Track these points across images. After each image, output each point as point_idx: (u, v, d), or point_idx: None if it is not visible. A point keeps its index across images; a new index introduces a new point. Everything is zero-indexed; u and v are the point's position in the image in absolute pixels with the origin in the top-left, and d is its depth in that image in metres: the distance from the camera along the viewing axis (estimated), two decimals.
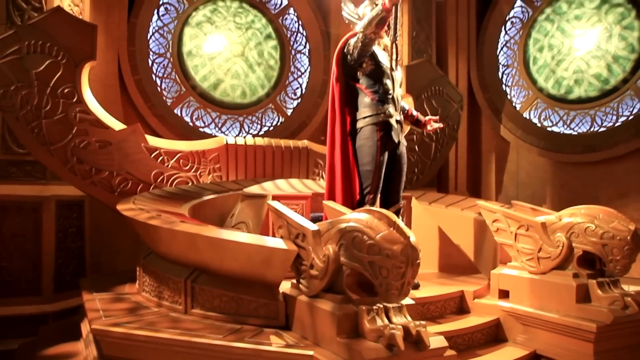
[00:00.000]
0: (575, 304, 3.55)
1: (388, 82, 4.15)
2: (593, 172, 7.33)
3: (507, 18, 8.18)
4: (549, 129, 7.84)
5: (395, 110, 4.18)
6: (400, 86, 4.38)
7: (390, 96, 4.15)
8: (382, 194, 4.24)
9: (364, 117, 4.14)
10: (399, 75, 4.36)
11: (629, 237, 3.51)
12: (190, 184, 5.61)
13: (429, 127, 4.58)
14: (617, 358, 3.48)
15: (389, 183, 4.26)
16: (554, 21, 7.81)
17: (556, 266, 3.77)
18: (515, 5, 8.15)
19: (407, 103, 4.51)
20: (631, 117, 7.25)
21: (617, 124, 7.35)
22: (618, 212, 3.69)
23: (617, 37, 7.35)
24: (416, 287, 4.15)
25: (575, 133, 7.66)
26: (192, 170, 5.71)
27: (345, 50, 4.19)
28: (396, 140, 4.17)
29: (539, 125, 7.92)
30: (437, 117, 4.60)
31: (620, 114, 7.35)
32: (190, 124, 7.37)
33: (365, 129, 4.12)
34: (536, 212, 4.20)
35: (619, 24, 7.34)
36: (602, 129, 7.46)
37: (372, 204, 4.06)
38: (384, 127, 4.09)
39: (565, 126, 7.75)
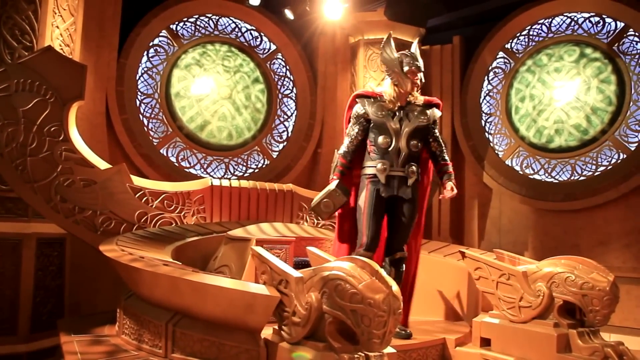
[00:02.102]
0: (556, 354, 3.57)
1: (383, 137, 4.23)
2: (574, 220, 7.43)
3: (489, 68, 8.41)
4: (530, 176, 7.97)
5: (395, 165, 4.23)
6: (419, 137, 4.30)
7: (389, 151, 4.22)
8: (386, 243, 4.39)
9: (362, 167, 4.39)
10: (413, 125, 4.27)
11: (608, 288, 3.56)
12: (174, 224, 5.59)
13: (443, 192, 4.42)
14: None
15: (391, 232, 4.36)
16: (535, 72, 8.04)
17: (537, 315, 3.79)
18: (498, 56, 8.39)
19: (443, 156, 4.46)
20: (610, 167, 7.41)
21: (597, 173, 7.50)
22: (597, 263, 3.74)
23: (595, 89, 7.58)
24: (408, 336, 4.14)
25: (556, 181, 7.80)
26: (177, 211, 5.70)
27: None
28: (392, 193, 4.22)
29: (521, 172, 8.06)
30: (454, 191, 4.37)
31: (599, 163, 7.51)
32: (176, 164, 7.40)
33: (361, 178, 4.37)
34: (517, 261, 4.25)
35: (597, 77, 7.58)
36: (582, 178, 7.60)
37: (367, 250, 4.16)
38: (374, 179, 4.24)
39: (547, 174, 7.89)
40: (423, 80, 4.35)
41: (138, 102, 7.31)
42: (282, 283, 3.22)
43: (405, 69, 4.22)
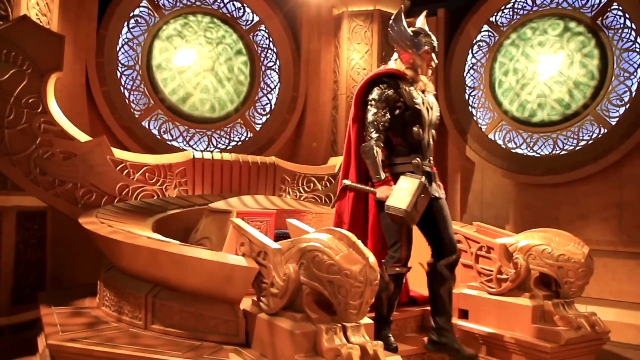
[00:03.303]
0: (531, 325, 3.64)
1: (418, 127, 3.64)
2: (554, 193, 7.51)
3: (474, 41, 8.37)
4: (513, 150, 8.01)
5: (425, 159, 3.68)
6: (434, 127, 3.81)
7: (420, 143, 3.67)
8: (435, 245, 3.73)
9: (392, 164, 3.68)
10: (435, 114, 3.79)
11: (583, 260, 3.62)
12: (155, 197, 5.57)
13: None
14: None
15: (438, 232, 3.68)
16: (519, 46, 8.02)
17: (514, 287, 3.86)
18: (482, 30, 8.34)
19: None
20: (591, 142, 7.46)
21: (578, 148, 7.55)
22: (573, 235, 3.80)
23: (579, 64, 7.58)
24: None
25: (538, 155, 7.84)
26: (158, 184, 5.68)
27: (368, 99, 3.74)
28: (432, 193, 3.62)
29: (503, 146, 8.09)
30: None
31: (581, 138, 7.56)
32: (158, 137, 7.33)
33: (405, 176, 3.57)
34: (497, 234, 4.30)
35: (580, 52, 7.58)
36: (563, 152, 7.65)
37: (406, 265, 3.63)
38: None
39: (529, 148, 7.93)
40: (437, 62, 3.82)
41: (119, 74, 7.20)
42: (260, 254, 3.24)
43: (420, 48, 3.63)
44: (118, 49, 7.20)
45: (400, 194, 3.37)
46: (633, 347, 6.15)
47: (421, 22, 3.86)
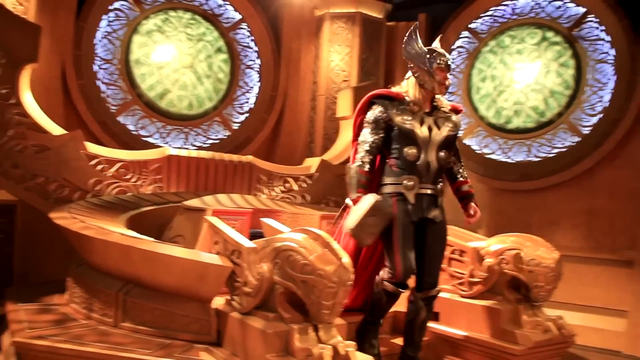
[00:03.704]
0: (501, 327, 3.68)
1: (410, 148, 3.50)
2: (527, 199, 7.62)
3: (453, 47, 8.46)
4: (487, 156, 8.11)
5: (423, 181, 3.51)
6: (447, 148, 3.63)
7: (418, 164, 3.51)
8: (417, 275, 3.57)
9: (382, 184, 3.61)
10: (442, 134, 3.57)
11: (553, 265, 3.67)
12: (129, 193, 5.51)
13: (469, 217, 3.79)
14: None
15: (422, 263, 3.53)
16: (497, 54, 8.13)
17: (485, 290, 3.90)
18: (462, 35, 8.44)
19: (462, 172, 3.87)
20: (564, 149, 7.60)
21: (551, 155, 7.69)
22: (544, 240, 3.86)
23: (555, 73, 7.72)
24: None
25: (512, 161, 7.96)
26: (133, 180, 5.62)
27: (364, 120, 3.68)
28: (422, 215, 3.51)
29: (479, 151, 8.19)
30: (477, 214, 3.78)
31: (554, 145, 7.70)
32: (134, 132, 7.25)
33: (383, 198, 3.52)
34: (470, 238, 4.34)
35: (556, 61, 7.72)
36: (537, 159, 7.78)
37: (402, 286, 3.49)
38: (400, 198, 3.50)
39: (504, 154, 8.04)
40: (451, 83, 3.75)
41: (96, 68, 7.11)
42: (234, 253, 3.23)
43: (434, 66, 3.49)
44: (96, 42, 7.12)
45: (354, 212, 3.37)
46: (597, 350, 6.29)
47: (436, 44, 3.72)
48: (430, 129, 3.54)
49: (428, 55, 3.53)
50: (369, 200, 3.36)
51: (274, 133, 8.27)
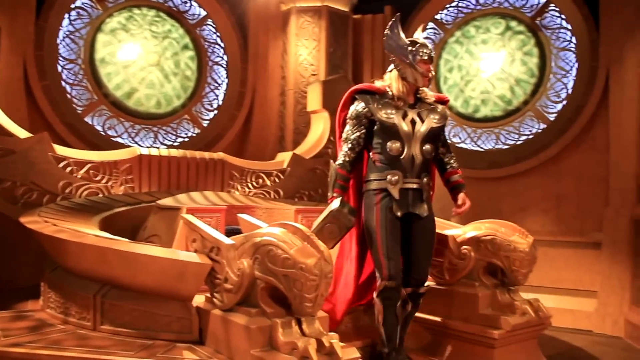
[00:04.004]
0: (479, 312, 3.74)
1: (393, 142, 3.45)
2: (497, 187, 7.75)
3: (414, 37, 8.52)
4: (457, 145, 8.22)
5: (409, 175, 3.46)
6: (432, 140, 3.57)
7: (401, 159, 3.45)
8: (404, 271, 3.52)
9: (367, 181, 3.57)
10: (425, 127, 3.51)
11: (528, 249, 3.75)
12: (101, 195, 5.42)
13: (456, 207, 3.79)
14: None
15: (409, 259, 3.53)
16: (463, 44, 8.23)
17: (463, 277, 3.95)
18: (428, 27, 8.51)
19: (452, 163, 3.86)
20: (531, 136, 7.76)
21: (519, 142, 7.84)
22: (518, 226, 3.93)
23: (519, 61, 7.87)
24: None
25: (481, 150, 8.09)
26: (103, 181, 5.53)
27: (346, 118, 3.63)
28: (408, 210, 3.47)
29: (448, 141, 8.25)
30: (467, 204, 3.79)
31: (522, 132, 7.85)
32: (102, 133, 7.13)
33: (366, 194, 3.55)
34: (445, 226, 4.40)
35: (521, 50, 7.87)
36: (505, 147, 7.92)
37: (392, 279, 3.38)
38: (385, 194, 3.45)
39: (473, 143, 8.16)
40: (434, 74, 3.76)
41: (60, 68, 6.96)
42: (213, 250, 3.21)
43: (416, 58, 3.43)
44: (59, 41, 6.97)
45: (319, 216, 3.40)
46: (569, 330, 6.45)
47: (418, 33, 3.71)
48: (413, 122, 3.48)
49: (410, 48, 3.46)
50: (331, 207, 3.36)
51: (244, 129, 8.23)
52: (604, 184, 7.05)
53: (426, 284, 3.60)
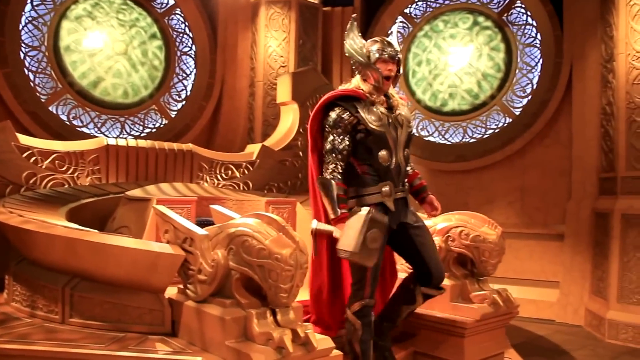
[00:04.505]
0: (450, 303, 3.81)
1: (386, 152, 3.26)
2: (464, 179, 7.89)
3: (389, 32, 8.58)
4: (425, 138, 8.32)
5: (396, 185, 3.30)
6: (408, 146, 3.40)
7: (391, 168, 3.27)
8: (421, 272, 3.38)
9: (356, 196, 3.30)
10: (405, 132, 3.35)
11: (497, 240, 3.83)
12: (66, 186, 5.30)
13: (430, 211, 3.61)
14: (484, 349, 3.79)
15: (422, 259, 3.34)
16: (432, 38, 8.32)
17: None
18: (397, 21, 8.58)
19: (411, 165, 3.61)
20: (497, 130, 7.91)
21: (486, 136, 7.98)
22: (487, 217, 4.01)
23: (486, 56, 7.99)
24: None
25: (449, 143, 8.20)
26: (69, 172, 5.40)
27: (324, 125, 3.35)
28: (400, 220, 3.32)
29: (416, 134, 8.38)
30: (439, 211, 3.64)
31: (488, 126, 7.99)
32: (67, 122, 6.97)
33: (353, 212, 3.18)
34: None
35: (488, 45, 7.99)
36: (472, 140, 8.05)
37: (372, 297, 3.27)
38: (380, 208, 3.23)
39: (441, 136, 8.27)
40: (400, 73, 3.37)
41: (22, 55, 6.76)
42: (186, 241, 3.17)
43: (374, 58, 3.23)
44: (21, 27, 6.75)
45: (348, 233, 3.02)
46: (533, 320, 6.65)
47: (393, 34, 3.52)
48: (395, 128, 3.30)
49: (368, 48, 3.27)
50: (362, 213, 3.04)
51: (213, 120, 8.16)
52: (567, 177, 7.25)
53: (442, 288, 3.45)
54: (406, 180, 3.44)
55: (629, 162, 6.11)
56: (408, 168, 3.48)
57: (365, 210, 3.08)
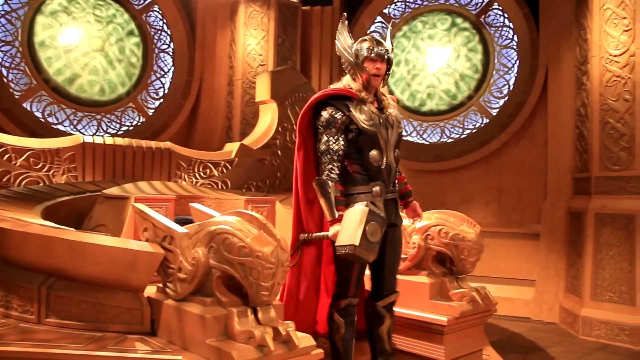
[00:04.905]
0: (429, 301, 3.83)
1: (377, 152, 3.21)
2: (442, 179, 7.96)
3: (368, 32, 8.62)
4: (404, 138, 8.33)
5: (387, 186, 3.25)
6: (399, 146, 3.35)
7: (382, 169, 3.22)
8: (374, 284, 3.40)
9: (346, 195, 3.23)
10: (396, 132, 3.30)
11: (475, 238, 3.86)
12: (42, 184, 5.21)
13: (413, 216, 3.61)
14: (463, 346, 3.83)
15: (382, 270, 3.35)
16: (410, 38, 8.37)
17: (412, 266, 4.04)
18: (376, 21, 8.62)
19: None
20: (475, 131, 7.99)
21: (463, 136, 8.06)
22: (466, 216, 4.04)
23: (464, 57, 8.07)
24: None
25: (427, 143, 8.26)
26: (44, 170, 5.32)
27: (317, 125, 3.28)
28: (389, 221, 3.26)
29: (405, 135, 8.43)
30: (421, 217, 3.66)
31: (466, 127, 8.07)
32: (42, 120, 6.85)
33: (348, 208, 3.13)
34: None
35: (466, 46, 8.08)
36: (450, 140, 8.13)
37: (355, 296, 3.28)
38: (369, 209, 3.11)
39: (419, 136, 8.33)
40: (389, 72, 3.32)
41: None
42: (166, 239, 3.14)
43: (362, 57, 3.17)
44: None
45: (347, 227, 2.96)
46: (509, 318, 6.73)
47: (387, 33, 3.47)
48: (386, 128, 3.25)
49: (356, 47, 3.21)
50: (358, 208, 3.00)
51: (191, 119, 8.10)
52: (543, 177, 7.36)
53: (397, 290, 3.46)
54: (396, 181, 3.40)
55: (603, 163, 6.22)
56: (400, 172, 3.48)
57: (362, 203, 3.06)
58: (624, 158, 6.06)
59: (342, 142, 3.18)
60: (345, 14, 3.54)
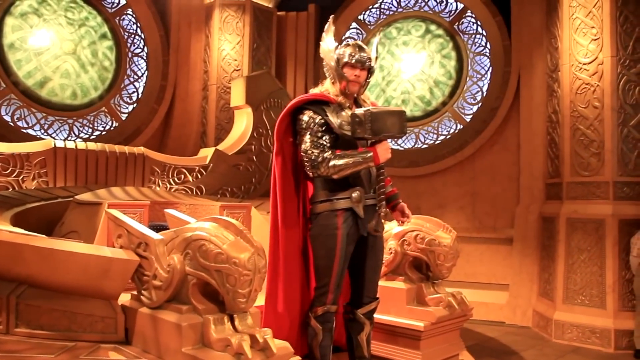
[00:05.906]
0: (406, 306, 3.84)
1: None
2: (417, 184, 8.00)
3: (342, 38, 8.65)
4: None
5: (366, 191, 3.21)
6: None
7: (360, 174, 3.18)
8: (354, 292, 3.36)
9: (323, 201, 3.21)
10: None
11: (451, 243, 3.88)
12: (11, 189, 5.09)
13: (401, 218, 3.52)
14: (440, 351, 3.84)
15: (362, 278, 3.29)
16: (385, 44, 8.42)
17: (389, 272, 4.04)
18: (351, 27, 8.66)
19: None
20: (449, 137, 8.06)
21: (437, 142, 8.12)
22: (441, 221, 4.07)
23: (438, 64, 8.15)
24: None
25: (402, 149, 8.31)
26: (14, 175, 5.20)
27: (297, 129, 3.25)
28: (368, 229, 3.23)
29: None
30: (408, 219, 3.54)
31: (440, 132, 8.14)
32: (11, 124, 6.70)
33: (322, 215, 3.18)
34: None
35: (440, 53, 8.16)
36: (424, 146, 8.18)
37: (334, 304, 3.22)
38: (348, 214, 3.15)
39: (393, 142, 8.37)
40: (369, 80, 3.28)
41: None
42: (140, 246, 3.09)
43: (342, 62, 3.14)
44: None
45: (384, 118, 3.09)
46: (484, 322, 6.80)
47: (374, 42, 3.41)
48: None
49: (339, 51, 3.17)
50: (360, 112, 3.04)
51: (165, 124, 8.02)
52: (516, 183, 7.46)
53: (378, 298, 3.41)
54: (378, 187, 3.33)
55: (574, 168, 6.34)
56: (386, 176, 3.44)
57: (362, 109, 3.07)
58: (594, 164, 6.17)
59: (327, 137, 3.13)
60: (332, 15, 3.55)
